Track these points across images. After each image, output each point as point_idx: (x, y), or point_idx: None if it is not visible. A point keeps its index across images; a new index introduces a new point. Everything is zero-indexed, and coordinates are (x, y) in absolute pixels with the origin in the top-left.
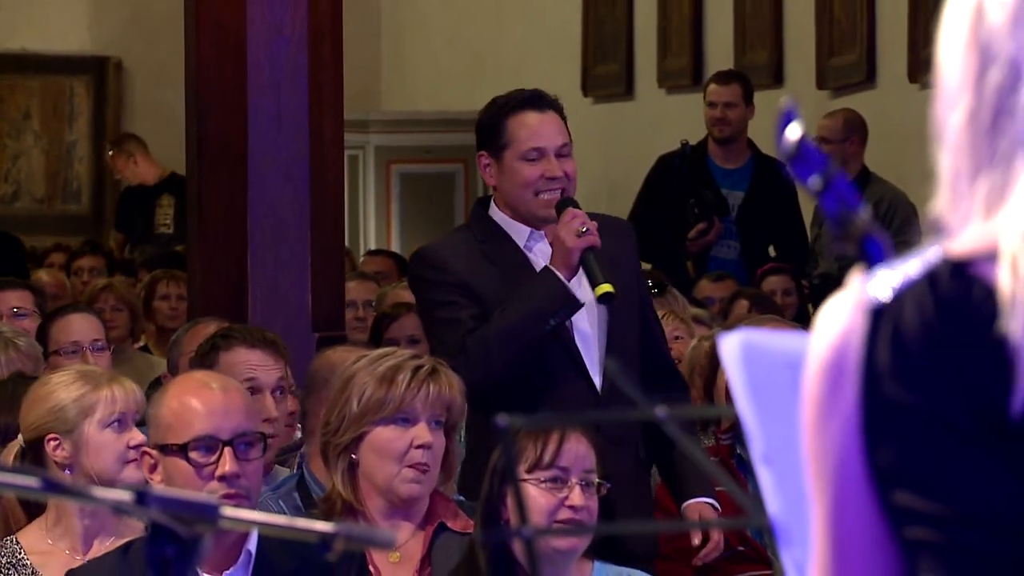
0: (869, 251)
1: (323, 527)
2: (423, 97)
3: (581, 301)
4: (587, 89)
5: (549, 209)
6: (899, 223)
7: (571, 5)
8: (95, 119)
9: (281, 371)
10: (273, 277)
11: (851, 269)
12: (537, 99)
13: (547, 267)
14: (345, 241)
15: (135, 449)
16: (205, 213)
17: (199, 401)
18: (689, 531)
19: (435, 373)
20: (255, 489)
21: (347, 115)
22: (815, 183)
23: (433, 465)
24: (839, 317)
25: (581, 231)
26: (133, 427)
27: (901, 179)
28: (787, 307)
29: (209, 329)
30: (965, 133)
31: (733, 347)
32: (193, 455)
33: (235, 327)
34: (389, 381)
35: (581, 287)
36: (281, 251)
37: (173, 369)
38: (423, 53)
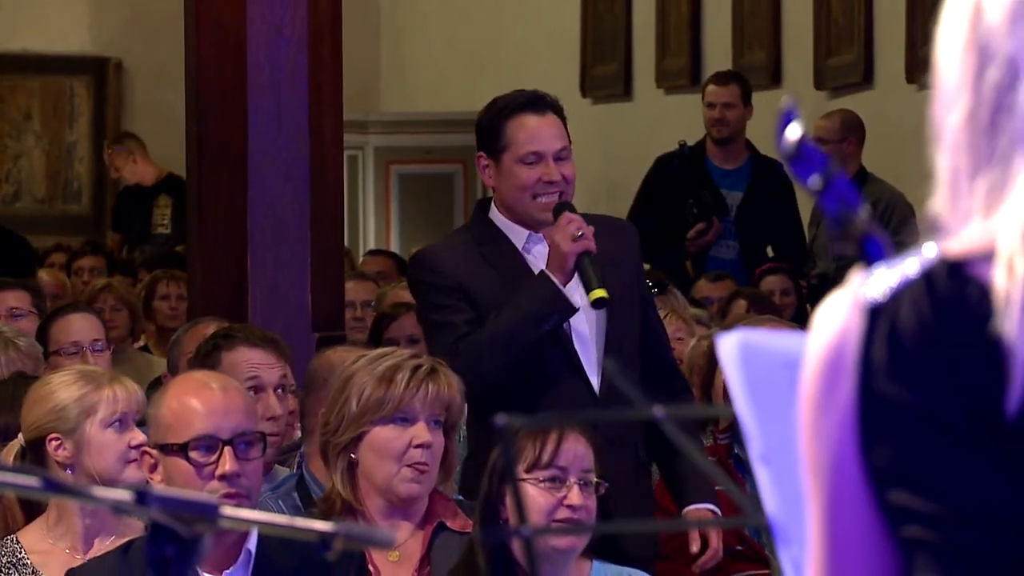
0: (869, 251)
1: (323, 526)
2: (422, 98)
3: (576, 306)
4: (586, 90)
5: (547, 212)
6: (896, 223)
7: (569, 6)
8: (95, 119)
9: (283, 369)
10: (273, 277)
11: (849, 269)
12: (537, 101)
13: (542, 272)
14: (345, 241)
15: (136, 449)
16: (205, 213)
17: (199, 401)
18: (688, 537)
19: (434, 373)
20: (255, 488)
21: (346, 116)
22: (815, 183)
23: (432, 464)
24: (836, 316)
25: (576, 236)
26: (134, 427)
27: (898, 179)
28: (785, 307)
29: (209, 329)
30: (964, 132)
31: (731, 347)
32: (193, 455)
33: (235, 327)
34: (388, 381)
35: (577, 292)
36: (281, 251)
37: (173, 369)
38: (422, 54)
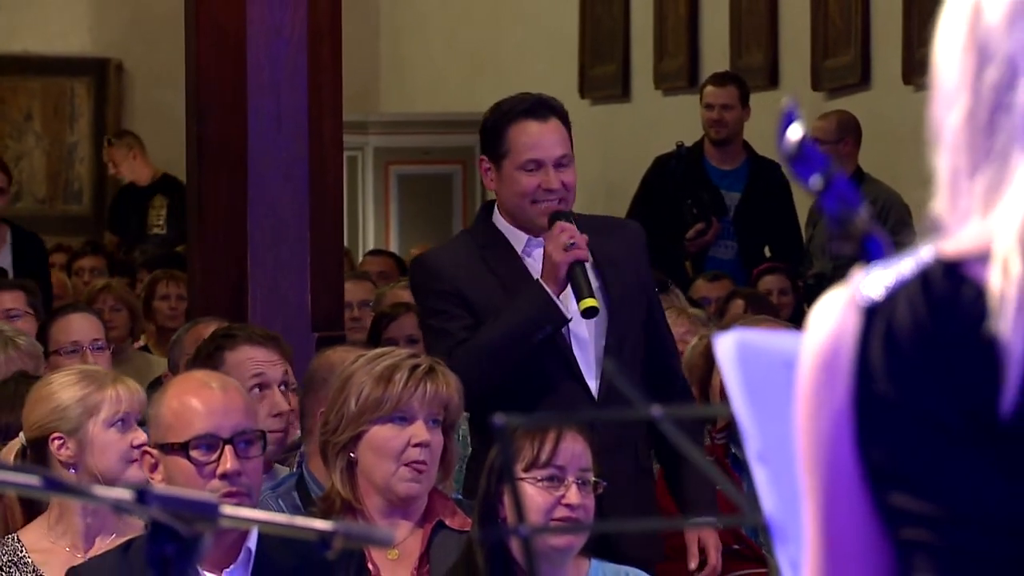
0: (869, 250)
1: (322, 525)
2: (421, 98)
3: (568, 316)
4: (584, 90)
5: (546, 218)
6: (893, 224)
7: (568, 7)
8: (96, 120)
9: (285, 366)
10: (273, 277)
11: (846, 268)
12: (539, 107)
13: (537, 281)
14: (344, 241)
15: (138, 448)
16: (205, 213)
17: (199, 400)
18: (687, 547)
19: (432, 372)
20: (256, 487)
21: (346, 116)
22: (816, 183)
23: (431, 463)
24: (831, 315)
25: (568, 245)
26: (136, 427)
27: (895, 180)
28: (783, 306)
29: (209, 329)
30: (963, 132)
31: (729, 346)
32: (194, 454)
33: (236, 326)
34: (386, 380)
35: (573, 300)
36: (281, 251)
37: (174, 368)
38: (421, 55)
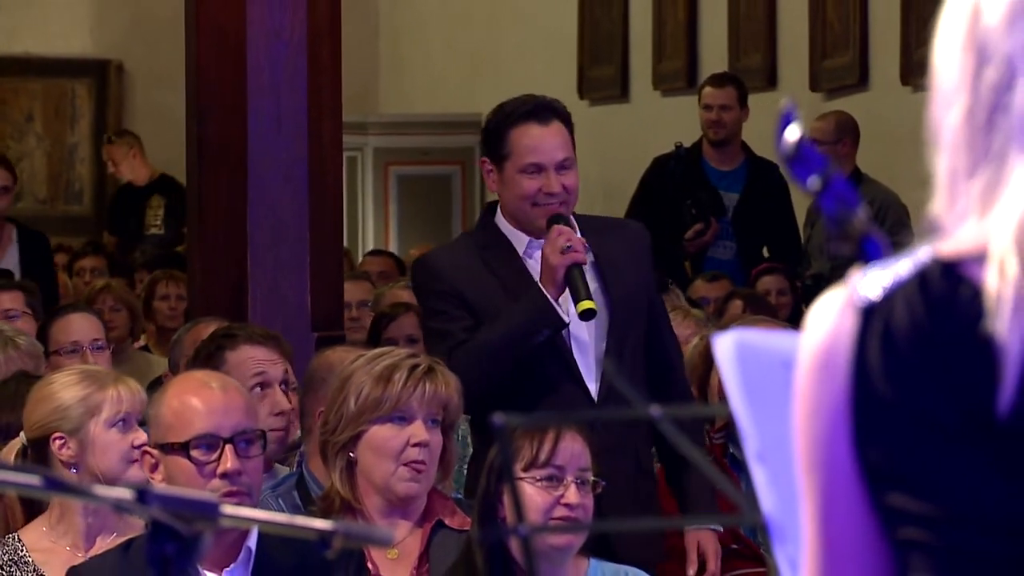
0: (867, 251)
1: (322, 525)
2: (420, 99)
3: (566, 320)
4: (583, 91)
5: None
6: (891, 224)
7: (567, 8)
8: (97, 121)
9: (285, 365)
10: (273, 277)
11: (845, 269)
12: (541, 110)
13: (536, 284)
14: (344, 242)
15: (139, 448)
16: (205, 214)
17: (199, 400)
18: (687, 562)
19: (431, 372)
20: (256, 486)
21: (345, 117)
22: (814, 184)
23: (430, 463)
24: (829, 315)
25: (564, 247)
26: (137, 427)
27: (893, 180)
28: (782, 307)
29: (209, 329)
30: (962, 132)
31: (727, 346)
32: (194, 453)
33: (235, 326)
34: (386, 380)
35: (572, 303)
36: (281, 251)
37: (175, 368)
38: (420, 56)
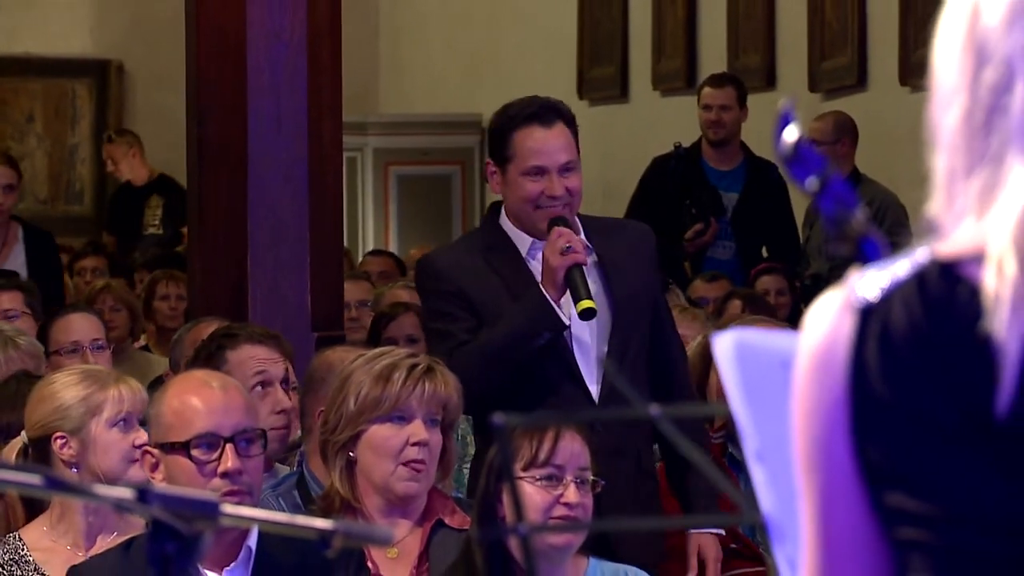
0: (866, 251)
1: (322, 524)
2: (420, 100)
3: (566, 322)
4: (582, 92)
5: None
6: (889, 224)
7: (567, 9)
8: (97, 121)
9: (286, 364)
10: (273, 277)
11: (843, 269)
12: (545, 112)
13: (537, 286)
14: (344, 242)
15: (140, 448)
16: (205, 214)
17: (200, 399)
18: (686, 566)
19: (431, 371)
20: (257, 485)
21: (345, 117)
22: (812, 184)
23: (429, 463)
24: (827, 316)
25: (564, 249)
26: (138, 427)
27: (892, 181)
28: (781, 307)
29: (209, 329)
30: (960, 132)
31: (727, 346)
32: (195, 453)
33: (235, 325)
34: (385, 379)
35: (572, 305)
36: (281, 251)
37: (176, 368)
38: (420, 56)
